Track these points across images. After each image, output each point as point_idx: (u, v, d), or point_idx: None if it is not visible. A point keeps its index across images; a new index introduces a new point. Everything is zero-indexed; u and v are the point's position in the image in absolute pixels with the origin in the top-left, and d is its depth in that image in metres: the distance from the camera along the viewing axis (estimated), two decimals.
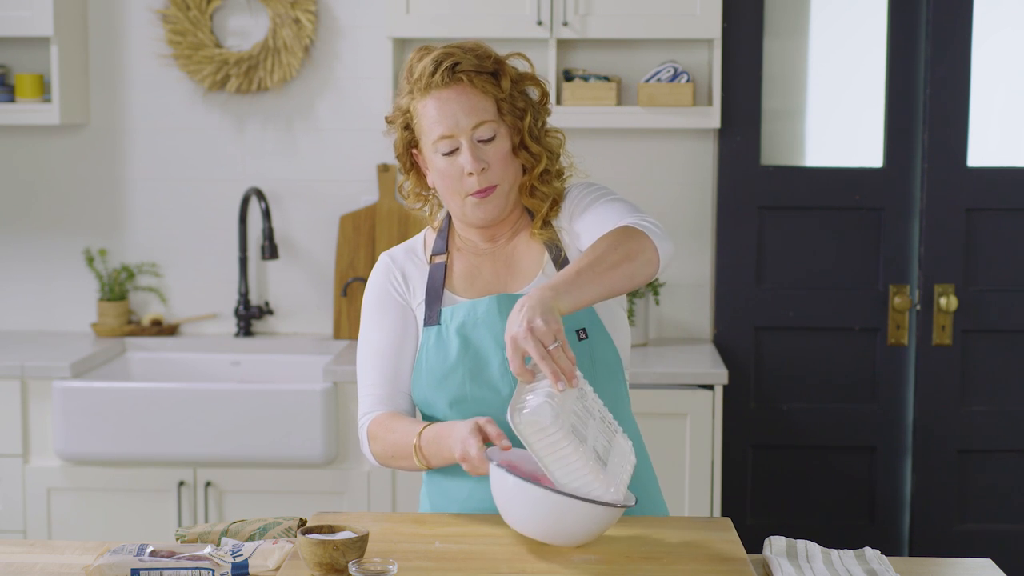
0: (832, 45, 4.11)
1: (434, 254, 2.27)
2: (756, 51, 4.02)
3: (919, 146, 4.00)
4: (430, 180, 2.23)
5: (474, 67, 2.13)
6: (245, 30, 4.12)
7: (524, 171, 2.22)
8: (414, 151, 2.23)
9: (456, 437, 2.03)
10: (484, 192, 2.16)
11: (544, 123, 2.23)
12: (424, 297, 2.24)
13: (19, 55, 4.08)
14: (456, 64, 2.12)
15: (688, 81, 3.88)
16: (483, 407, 2.15)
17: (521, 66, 2.21)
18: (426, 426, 2.13)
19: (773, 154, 4.11)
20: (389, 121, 2.24)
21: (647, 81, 3.89)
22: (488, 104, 2.14)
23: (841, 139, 4.14)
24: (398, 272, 2.28)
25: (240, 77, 4.07)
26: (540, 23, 3.78)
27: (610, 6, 3.79)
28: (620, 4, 3.79)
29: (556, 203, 2.24)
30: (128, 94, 4.15)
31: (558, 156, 2.24)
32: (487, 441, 2.01)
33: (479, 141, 2.14)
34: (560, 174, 2.25)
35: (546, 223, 2.23)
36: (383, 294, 2.29)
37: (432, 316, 2.21)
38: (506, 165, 2.17)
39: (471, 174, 2.14)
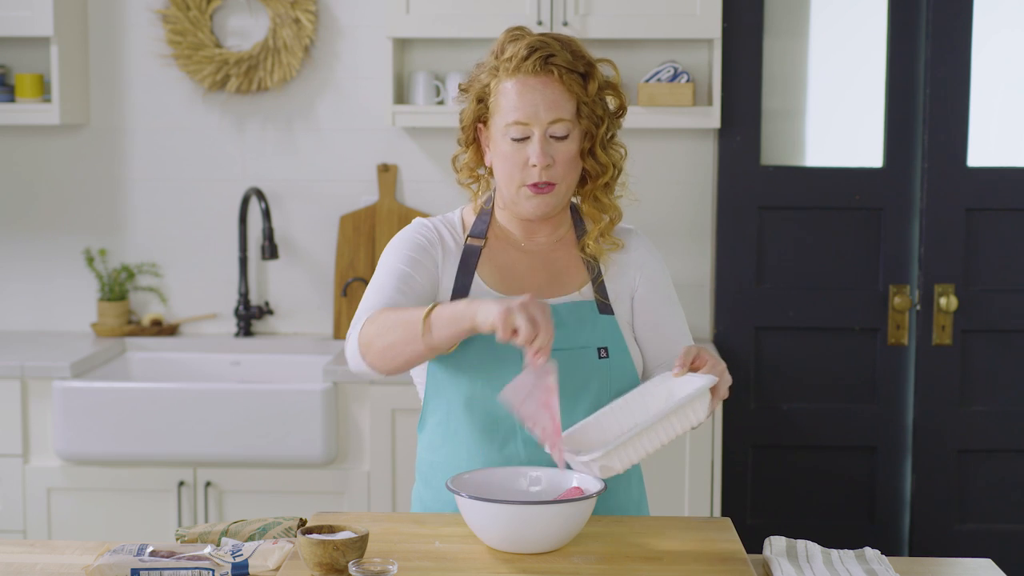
0: (832, 45, 4.11)
1: (472, 235, 2.24)
2: (756, 51, 4.02)
3: (919, 146, 4.00)
4: (487, 159, 2.21)
5: (567, 63, 2.12)
6: (245, 30, 4.12)
7: (585, 178, 2.21)
8: (479, 126, 2.21)
9: (487, 302, 1.94)
10: (542, 188, 2.15)
11: (614, 134, 2.22)
12: (455, 275, 2.20)
13: (19, 55, 4.08)
14: (550, 56, 2.12)
15: (688, 81, 3.89)
16: (479, 410, 2.15)
17: (607, 72, 2.21)
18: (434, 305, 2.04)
19: (773, 154, 4.11)
20: (463, 89, 2.21)
21: (647, 81, 3.89)
22: (570, 103, 2.13)
23: (841, 139, 4.14)
24: (435, 235, 2.23)
25: (240, 77, 4.07)
26: (540, 23, 3.78)
27: (610, 6, 3.79)
28: (620, 4, 3.79)
29: (613, 221, 2.23)
30: (128, 94, 4.15)
31: (621, 170, 2.23)
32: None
33: (551, 136, 2.13)
34: (619, 187, 2.24)
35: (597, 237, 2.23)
36: (419, 241, 2.22)
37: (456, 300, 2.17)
38: (570, 167, 2.16)
39: (535, 166, 2.13)
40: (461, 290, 2.19)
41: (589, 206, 2.23)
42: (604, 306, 2.22)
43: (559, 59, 2.11)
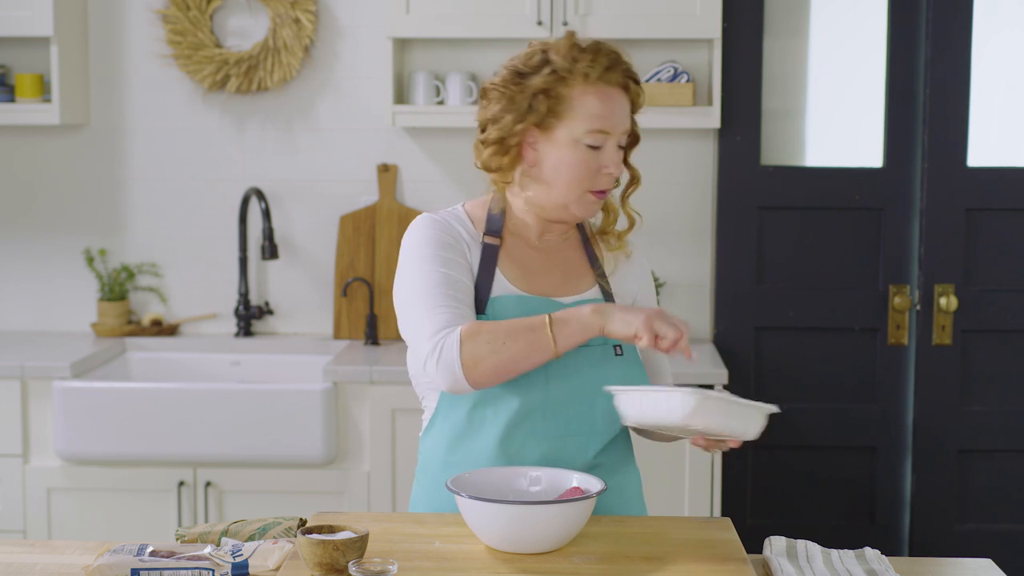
0: (832, 45, 4.11)
1: (488, 233, 2.23)
2: (756, 51, 4.02)
3: (919, 146, 4.00)
4: (530, 159, 2.18)
5: (634, 77, 2.19)
6: (245, 30, 4.12)
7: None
8: (530, 129, 2.17)
9: (616, 311, 2.04)
10: (604, 192, 2.19)
11: None
12: (475, 278, 2.19)
13: (19, 55, 4.08)
14: (627, 68, 2.18)
15: (688, 81, 3.88)
16: (500, 408, 2.14)
17: None
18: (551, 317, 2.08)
19: (773, 154, 4.11)
20: (499, 90, 2.17)
21: (647, 81, 3.89)
22: (629, 113, 2.21)
23: (841, 139, 4.14)
24: (455, 231, 2.21)
25: (240, 77, 4.07)
26: (540, 23, 3.78)
27: (610, 6, 3.79)
28: (620, 4, 3.79)
29: (631, 227, 2.31)
30: (128, 94, 4.15)
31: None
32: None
33: (619, 145, 2.19)
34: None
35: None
36: (445, 240, 2.18)
37: (480, 300, 2.17)
38: (619, 174, 2.22)
39: (609, 173, 2.17)
40: (484, 287, 2.18)
41: (624, 212, 2.30)
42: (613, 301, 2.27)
43: (631, 72, 2.19)
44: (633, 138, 2.24)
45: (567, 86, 2.15)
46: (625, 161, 2.23)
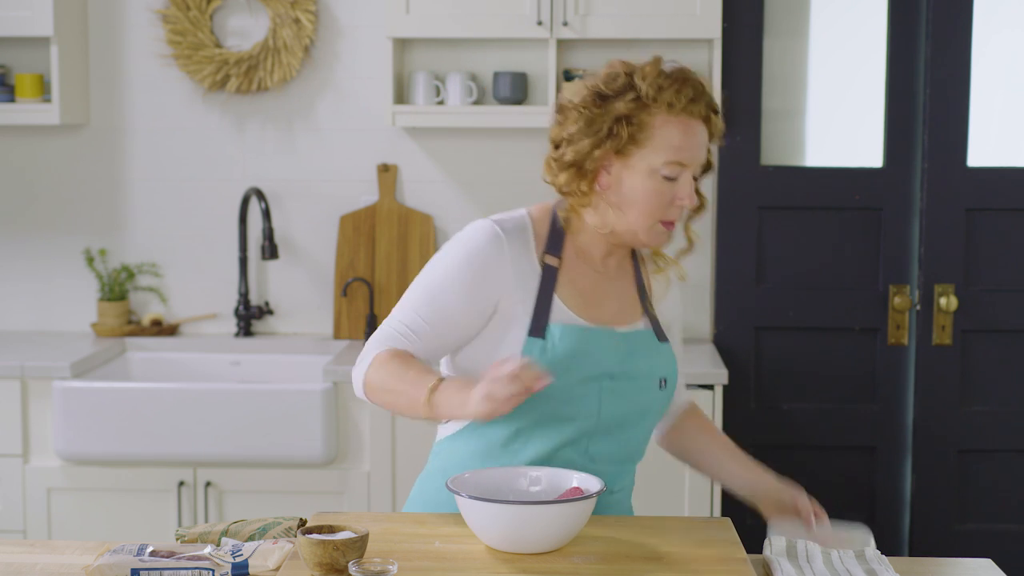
0: (832, 45, 4.11)
1: (548, 252, 2.18)
2: (756, 51, 4.02)
3: (919, 146, 4.00)
4: (604, 183, 2.13)
5: (716, 109, 2.14)
6: (245, 30, 4.12)
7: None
8: (608, 154, 2.12)
9: (470, 397, 1.95)
10: (673, 223, 2.16)
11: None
12: (535, 296, 2.14)
13: (19, 55, 4.08)
14: (710, 101, 2.13)
15: None
16: (539, 435, 2.14)
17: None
18: (446, 378, 2.06)
19: (773, 154, 4.11)
20: (579, 110, 2.13)
21: None
22: (707, 146, 2.16)
23: (841, 139, 4.14)
24: (507, 258, 2.14)
25: (240, 77, 4.07)
26: (540, 23, 3.78)
27: (610, 6, 3.79)
28: (620, 4, 3.79)
29: (689, 249, 2.28)
30: (128, 94, 4.15)
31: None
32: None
33: (692, 176, 2.15)
34: None
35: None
36: (483, 268, 2.14)
37: (539, 328, 2.12)
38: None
39: (682, 205, 2.12)
40: (542, 312, 2.13)
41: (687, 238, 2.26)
42: (661, 334, 2.23)
43: (713, 104, 2.13)
44: (707, 166, 2.20)
45: (650, 114, 2.09)
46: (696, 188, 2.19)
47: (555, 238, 2.19)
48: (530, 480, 2.07)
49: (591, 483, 2.01)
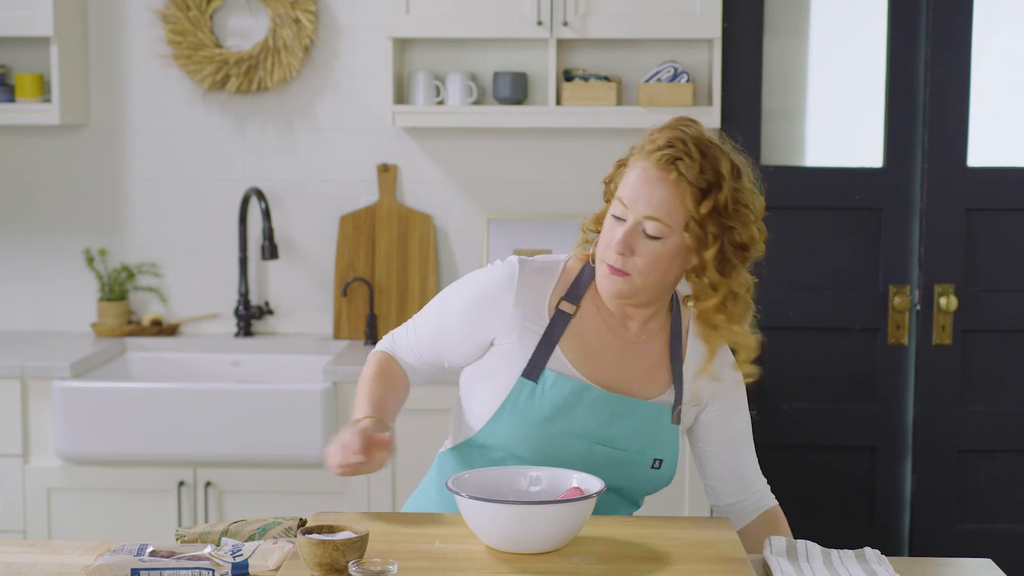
0: (832, 45, 4.11)
1: (565, 299, 2.17)
2: (756, 51, 4.02)
3: (919, 146, 4.00)
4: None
5: (689, 172, 2.04)
6: (245, 30, 4.12)
7: (698, 297, 2.14)
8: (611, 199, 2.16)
9: (346, 434, 2.05)
10: (617, 270, 2.09)
11: (742, 261, 2.15)
12: (535, 345, 2.14)
13: (19, 55, 4.08)
14: (678, 159, 2.05)
15: (688, 81, 3.88)
16: (532, 463, 2.14)
17: (753, 201, 2.13)
18: (372, 417, 2.13)
19: (773, 154, 4.11)
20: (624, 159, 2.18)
21: (647, 81, 3.89)
22: (677, 210, 2.05)
23: (841, 139, 4.14)
24: (512, 297, 2.16)
25: (240, 77, 4.07)
26: (540, 23, 3.78)
27: (610, 6, 3.79)
28: (620, 4, 3.79)
29: (736, 353, 2.19)
30: (128, 94, 4.15)
31: (743, 300, 2.17)
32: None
33: (643, 231, 2.07)
34: (743, 317, 2.17)
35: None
36: (484, 303, 2.18)
37: (534, 371, 2.13)
38: (652, 267, 2.08)
39: (614, 250, 2.07)
40: (540, 357, 2.13)
41: (704, 327, 2.17)
42: (676, 414, 2.18)
43: (684, 165, 2.04)
44: (696, 243, 2.07)
45: (633, 156, 2.13)
46: (701, 270, 2.10)
47: (579, 286, 2.19)
48: (530, 480, 2.07)
49: (591, 483, 2.01)
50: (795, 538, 2.15)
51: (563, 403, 2.12)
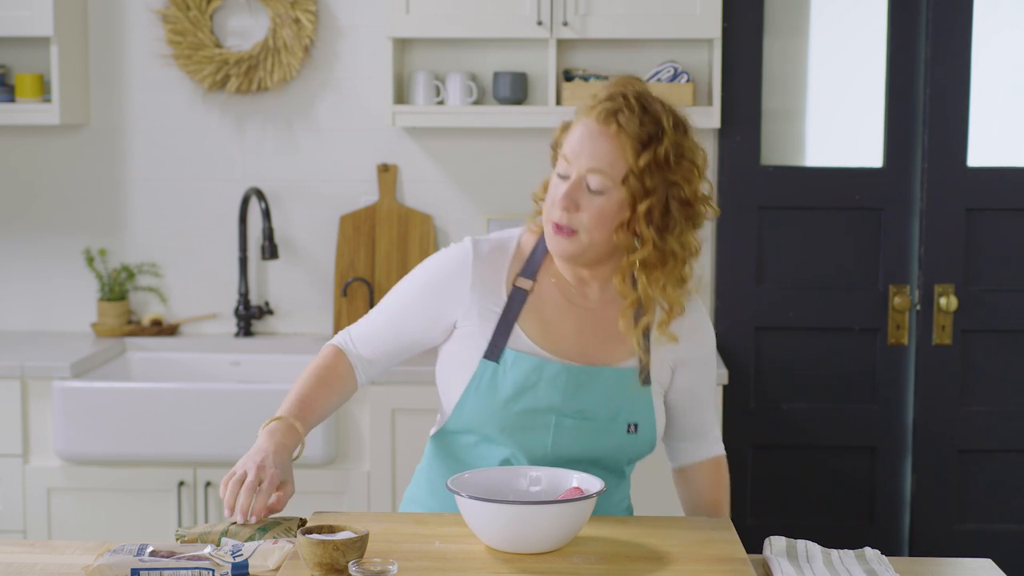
0: (832, 45, 4.11)
1: (521, 275, 2.16)
2: (756, 51, 4.02)
3: (919, 146, 4.00)
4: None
5: (629, 126, 2.04)
6: (245, 30, 4.12)
7: (631, 250, 2.10)
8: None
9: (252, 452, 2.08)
10: (562, 229, 2.07)
11: (685, 221, 2.09)
12: (495, 324, 2.13)
13: (19, 55, 4.08)
14: (618, 111, 2.05)
15: (688, 81, 3.88)
16: (501, 448, 2.14)
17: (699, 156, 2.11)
18: (283, 418, 2.13)
19: (773, 154, 4.11)
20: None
21: (647, 81, 3.89)
22: (618, 162, 2.05)
23: (841, 139, 4.14)
24: (469, 279, 2.16)
25: (240, 77, 4.07)
26: (540, 23, 3.78)
27: (610, 6, 3.79)
28: (620, 4, 3.79)
29: (668, 314, 2.12)
30: (128, 94, 4.15)
31: (680, 259, 2.10)
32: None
33: (587, 185, 2.06)
34: (681, 281, 2.11)
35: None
36: (440, 286, 2.18)
37: (495, 351, 2.13)
38: (598, 223, 2.06)
39: (558, 206, 2.06)
40: (500, 337, 2.13)
41: (621, 282, 2.11)
42: (646, 376, 2.16)
43: (624, 118, 2.04)
44: (630, 196, 2.05)
45: (578, 114, 2.12)
46: (630, 223, 2.07)
47: (534, 261, 2.18)
48: (530, 480, 2.07)
49: (591, 483, 2.01)
50: (795, 538, 2.15)
51: (524, 381, 2.11)
